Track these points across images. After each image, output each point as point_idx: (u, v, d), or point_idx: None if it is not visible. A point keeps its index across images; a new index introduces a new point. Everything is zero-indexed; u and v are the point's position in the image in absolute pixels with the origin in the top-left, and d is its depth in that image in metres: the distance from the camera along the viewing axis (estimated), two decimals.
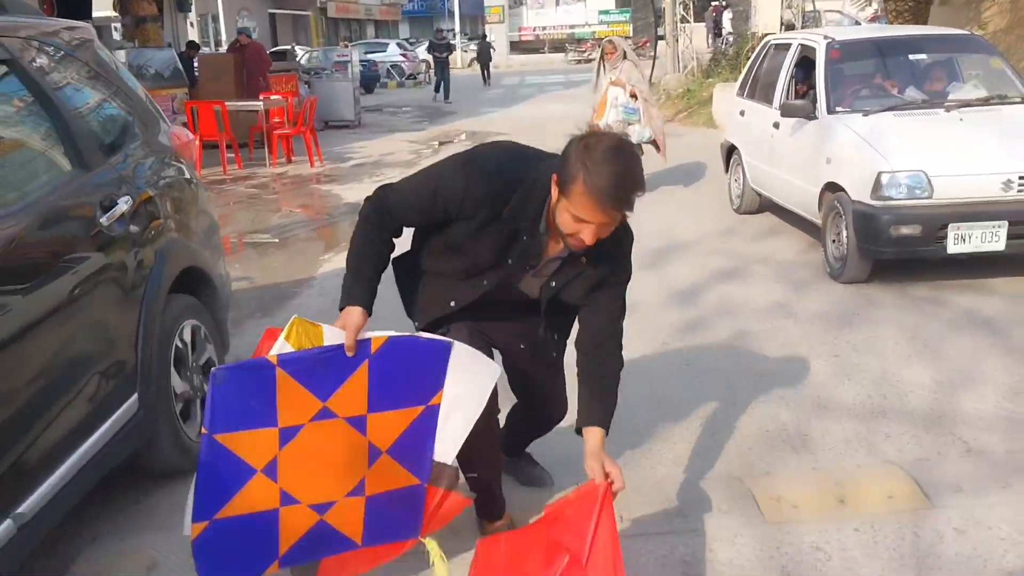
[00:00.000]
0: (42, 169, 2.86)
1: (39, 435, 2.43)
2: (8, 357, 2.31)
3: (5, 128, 2.84)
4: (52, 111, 2.95)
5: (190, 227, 3.60)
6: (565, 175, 2.09)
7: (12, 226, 2.47)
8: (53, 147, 2.93)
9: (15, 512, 2.30)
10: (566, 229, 2.15)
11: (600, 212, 2.07)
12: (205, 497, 2.03)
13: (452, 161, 2.39)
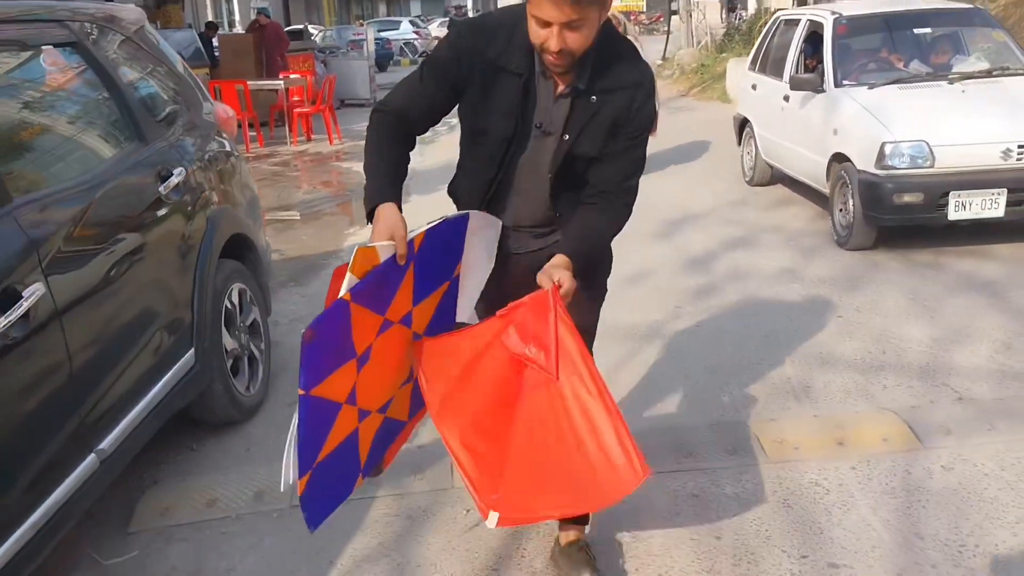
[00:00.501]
0: (107, 141, 3.13)
1: (116, 381, 2.72)
2: (89, 310, 2.60)
3: (73, 104, 3.11)
4: (112, 88, 3.22)
5: (235, 197, 3.87)
6: None
7: (88, 192, 2.75)
8: (115, 121, 3.20)
9: (98, 447, 2.59)
10: (535, 40, 1.97)
11: (550, 1, 1.87)
12: (305, 450, 1.97)
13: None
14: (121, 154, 3.11)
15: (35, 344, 2.32)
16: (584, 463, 1.99)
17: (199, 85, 4.12)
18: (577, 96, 2.10)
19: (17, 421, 2.26)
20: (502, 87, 2.09)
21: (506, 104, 2.09)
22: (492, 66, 2.08)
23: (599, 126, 2.13)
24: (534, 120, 2.13)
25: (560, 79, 2.08)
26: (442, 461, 3.21)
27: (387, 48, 27.88)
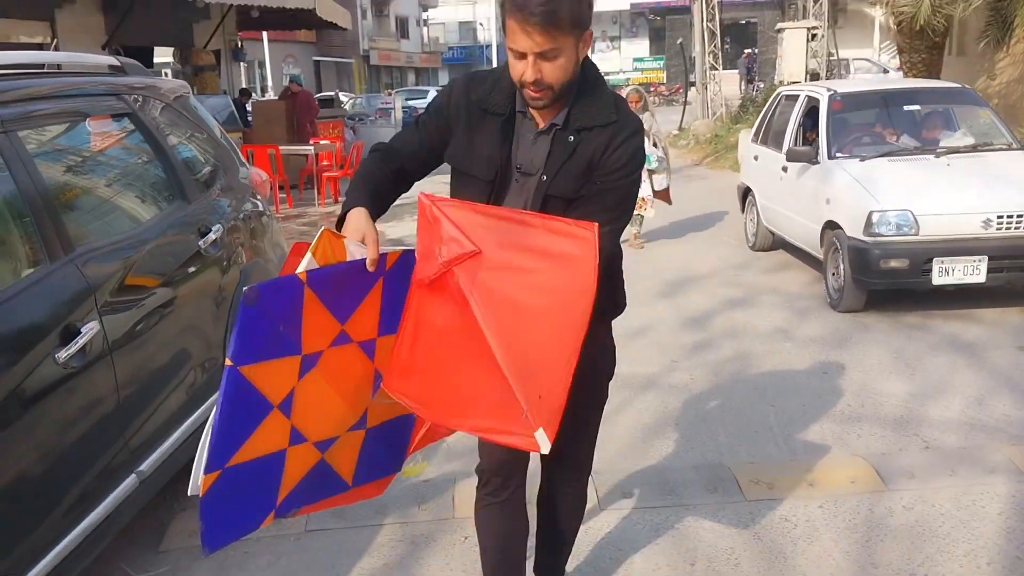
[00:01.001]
0: (155, 200, 3.53)
1: (155, 411, 3.07)
2: (136, 347, 2.96)
3: (126, 165, 3.52)
4: (159, 152, 3.64)
5: (266, 253, 4.26)
6: (501, 14, 1.97)
7: (137, 245, 3.14)
8: (161, 182, 3.61)
9: (138, 469, 2.93)
10: (514, 75, 1.97)
11: (520, 29, 1.87)
12: (221, 440, 1.75)
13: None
14: (166, 211, 3.51)
15: (89, 374, 2.67)
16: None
17: (235, 149, 4.54)
18: (556, 134, 2.07)
19: (72, 439, 2.60)
20: (484, 129, 2.10)
21: (488, 146, 2.10)
22: (476, 108, 2.10)
23: (576, 166, 2.06)
24: (515, 162, 2.11)
25: (541, 116, 2.07)
26: (444, 494, 3.52)
27: (414, 116, 28.69)
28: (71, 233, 2.82)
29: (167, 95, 4.00)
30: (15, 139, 2.73)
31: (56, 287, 2.64)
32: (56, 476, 2.52)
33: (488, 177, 2.11)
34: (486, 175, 2.11)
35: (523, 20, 1.85)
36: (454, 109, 2.13)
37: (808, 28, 16.85)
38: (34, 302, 2.54)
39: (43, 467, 2.46)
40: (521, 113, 2.09)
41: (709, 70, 19.84)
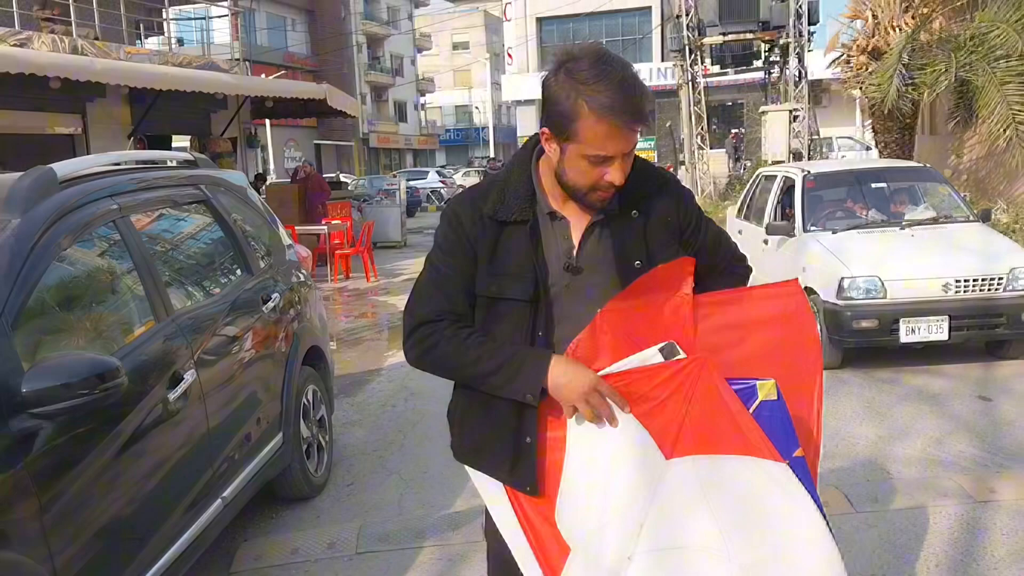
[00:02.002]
0: (228, 272, 4.17)
1: (236, 447, 3.65)
2: (220, 392, 3.56)
3: (207, 244, 4.17)
4: (229, 233, 4.29)
5: (311, 318, 4.88)
6: (559, 117, 1.75)
7: (218, 309, 3.77)
8: (232, 257, 4.26)
9: (223, 494, 3.49)
10: (587, 180, 1.79)
11: (621, 134, 1.72)
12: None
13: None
14: (236, 282, 4.15)
15: (188, 413, 3.26)
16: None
17: (283, 231, 5.21)
18: (614, 220, 1.90)
19: (176, 465, 3.18)
20: (507, 243, 1.87)
21: (517, 259, 1.87)
22: (492, 223, 1.88)
23: (663, 241, 1.93)
24: (558, 265, 1.89)
25: (583, 212, 1.89)
26: (474, 521, 4.07)
27: (415, 196, 29.65)
28: (170, 299, 3.45)
29: (234, 187, 4.68)
30: (129, 223, 3.39)
31: (166, 342, 3.26)
32: (166, 495, 3.09)
33: (527, 296, 1.86)
34: (524, 294, 1.86)
35: (632, 123, 1.72)
36: (470, 232, 1.89)
37: (790, 110, 17.83)
38: (152, 353, 3.15)
39: (157, 489, 3.02)
40: (550, 215, 1.90)
41: (697, 150, 20.82)
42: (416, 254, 16.23)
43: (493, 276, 1.88)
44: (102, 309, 3.15)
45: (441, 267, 1.92)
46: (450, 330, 1.88)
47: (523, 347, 1.85)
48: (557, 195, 1.90)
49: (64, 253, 2.96)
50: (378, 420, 5.81)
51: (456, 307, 1.90)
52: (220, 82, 12.58)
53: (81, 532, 2.53)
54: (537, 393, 1.79)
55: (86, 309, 3.08)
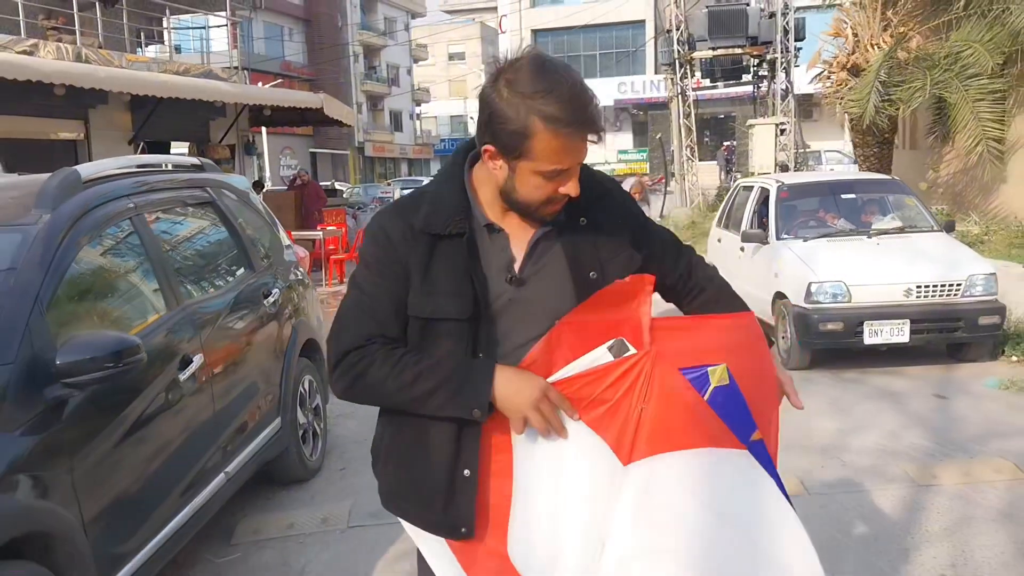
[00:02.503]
0: (232, 268, 4.50)
1: (238, 427, 3.97)
2: (224, 376, 3.88)
3: (212, 242, 4.50)
4: (233, 232, 4.62)
5: (308, 313, 5.21)
6: (509, 136, 1.62)
7: (223, 302, 4.10)
8: (236, 255, 4.59)
9: (226, 469, 3.82)
10: (542, 195, 1.67)
11: (577, 146, 1.63)
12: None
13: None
14: (239, 277, 4.48)
15: (197, 392, 3.59)
16: None
17: (282, 232, 5.54)
18: (563, 229, 1.78)
19: (185, 440, 3.50)
20: (441, 258, 1.72)
21: (453, 275, 1.71)
22: (423, 237, 1.72)
23: (616, 245, 1.81)
24: (499, 278, 1.75)
25: (526, 223, 1.76)
26: None
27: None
28: (180, 290, 3.78)
29: (238, 190, 5.02)
30: (144, 221, 3.72)
31: (177, 329, 3.59)
32: (177, 465, 3.42)
33: (466, 314, 1.71)
34: (462, 312, 1.71)
35: (585, 134, 1.62)
36: (400, 248, 1.73)
37: (776, 124, 18.25)
38: (166, 338, 3.48)
39: (169, 458, 3.35)
40: (488, 227, 1.76)
41: (687, 162, 21.23)
42: None
43: (427, 295, 1.71)
44: (120, 296, 3.48)
45: (368, 288, 1.75)
46: (381, 352, 1.71)
47: (464, 360, 1.69)
48: (496, 207, 1.76)
49: (87, 246, 3.29)
50: (369, 413, 6.08)
51: (387, 330, 1.73)
52: (220, 90, 12.92)
53: (105, 490, 2.85)
54: (485, 407, 1.64)
55: (106, 296, 3.41)
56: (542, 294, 1.76)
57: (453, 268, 1.71)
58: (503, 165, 1.66)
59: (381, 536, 4.07)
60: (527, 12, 43.41)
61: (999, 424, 5.37)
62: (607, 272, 1.76)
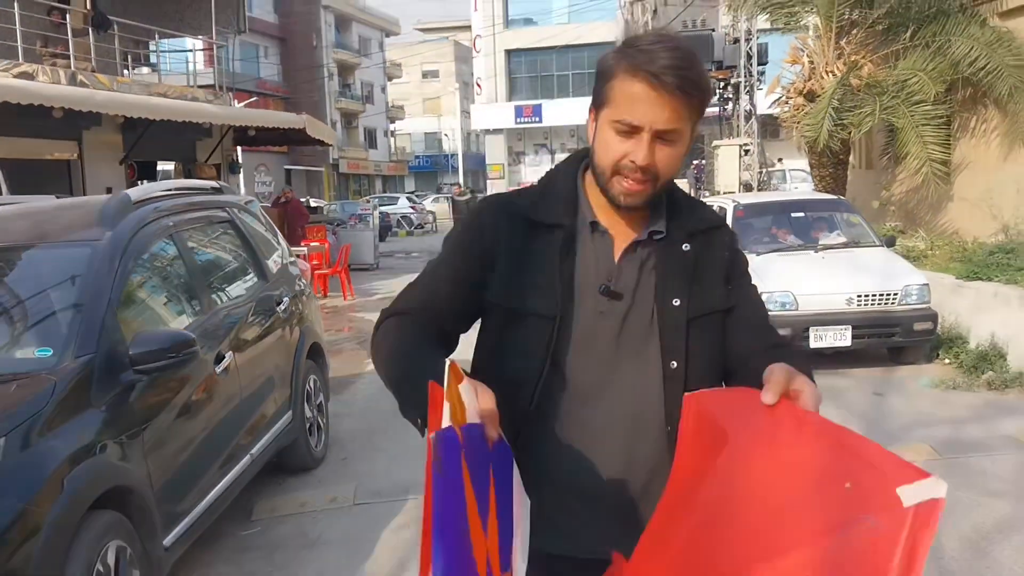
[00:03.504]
0: (250, 278, 5.11)
1: (259, 416, 4.57)
2: (249, 371, 4.48)
3: (232, 255, 5.10)
4: (248, 247, 5.23)
5: (312, 320, 5.82)
6: (598, 82, 1.53)
7: (245, 307, 4.71)
8: (252, 266, 5.19)
9: (251, 451, 4.41)
10: (611, 157, 1.50)
11: (655, 97, 1.44)
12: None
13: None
14: (256, 287, 5.09)
15: (228, 383, 4.19)
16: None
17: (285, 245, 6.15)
18: (662, 248, 1.61)
19: (221, 423, 4.10)
20: (537, 249, 1.59)
21: (546, 270, 1.57)
22: (522, 224, 1.60)
23: (710, 280, 1.63)
24: (594, 286, 1.57)
25: (627, 225, 1.60)
26: None
27: (386, 221, 30.58)
28: (212, 298, 4.39)
29: (248, 207, 5.63)
30: (181, 237, 4.33)
31: (211, 331, 4.19)
32: (216, 442, 4.02)
33: (550, 312, 1.54)
34: (547, 309, 1.54)
35: (672, 87, 1.43)
36: (490, 231, 1.61)
37: (740, 145, 19.07)
38: (203, 339, 4.07)
39: (210, 435, 3.95)
40: (592, 225, 1.60)
41: None
42: (389, 276, 17.16)
43: (516, 286, 1.57)
44: (167, 301, 4.09)
45: (436, 266, 1.66)
46: (403, 326, 1.55)
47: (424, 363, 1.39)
48: (605, 210, 1.59)
49: (141, 258, 3.89)
50: (364, 413, 6.74)
51: (434, 302, 1.59)
52: (209, 112, 13.50)
53: (166, 458, 3.46)
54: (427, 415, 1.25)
55: (157, 300, 4.02)
56: (632, 315, 1.57)
57: (546, 261, 1.57)
58: (594, 124, 1.56)
59: (385, 510, 4.68)
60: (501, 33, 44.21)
61: (926, 417, 6.09)
62: (692, 304, 1.57)
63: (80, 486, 2.83)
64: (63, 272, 3.53)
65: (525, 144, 48.77)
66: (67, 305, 3.37)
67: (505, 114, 45.84)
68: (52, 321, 3.35)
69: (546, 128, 47.06)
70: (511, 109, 45.80)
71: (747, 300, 1.71)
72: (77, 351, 3.19)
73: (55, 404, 2.94)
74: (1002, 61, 11.14)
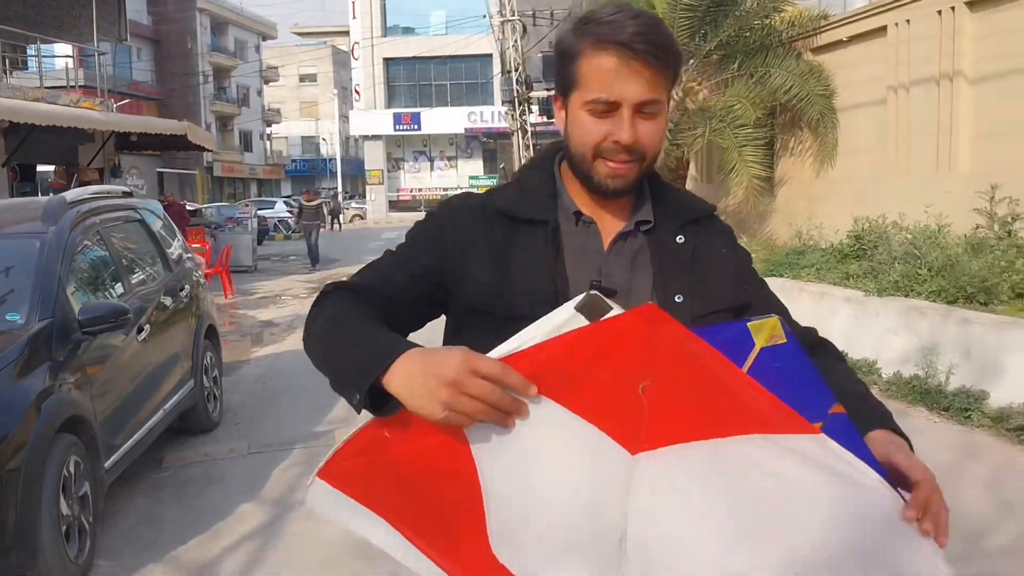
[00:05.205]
0: (157, 268, 6.08)
1: (169, 379, 5.57)
2: (161, 342, 5.48)
3: (143, 249, 6.06)
4: (155, 241, 6.20)
5: (207, 305, 6.81)
6: (561, 63, 1.40)
7: (155, 292, 5.70)
8: (158, 259, 6.16)
9: (165, 407, 5.41)
10: (590, 140, 1.36)
11: (629, 69, 1.31)
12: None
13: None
14: (164, 275, 6.07)
15: (146, 349, 5.19)
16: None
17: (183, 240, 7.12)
18: (653, 240, 1.46)
19: (143, 380, 5.09)
20: (519, 248, 1.43)
21: (532, 269, 1.41)
22: (502, 220, 1.44)
23: (714, 276, 1.47)
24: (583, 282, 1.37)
25: (612, 214, 1.46)
26: (328, 433, 6.12)
27: (263, 224, 31.01)
28: (132, 281, 5.38)
29: (154, 208, 6.60)
30: (107, 232, 5.31)
31: (135, 307, 5.19)
32: (139, 395, 5.03)
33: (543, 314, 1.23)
34: (538, 312, 1.23)
35: (644, 54, 1.31)
36: (463, 230, 1.46)
37: None
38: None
39: (137, 387, 4.97)
40: (576, 215, 1.46)
41: None
42: (268, 278, 17.95)
43: (502, 289, 1.41)
44: (100, 281, 5.08)
45: (397, 255, 1.50)
46: (350, 300, 1.38)
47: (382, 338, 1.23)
48: (585, 199, 1.47)
49: (78, 248, 4.87)
50: (252, 389, 7.75)
51: (386, 288, 1.42)
52: (94, 119, 14.04)
53: (106, 399, 4.46)
54: (364, 389, 1.15)
55: (93, 280, 5.00)
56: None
57: (533, 261, 1.42)
58: (563, 113, 1.44)
59: (276, 456, 5.75)
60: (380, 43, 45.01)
61: None
62: (695, 302, 1.43)
63: (52, 411, 3.83)
64: (20, 257, 4.48)
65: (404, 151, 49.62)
66: (27, 282, 4.33)
67: (384, 121, 46.62)
68: (17, 294, 4.30)
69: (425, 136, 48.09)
70: (390, 116, 46.63)
71: (766, 296, 1.55)
72: (39, 316, 4.18)
73: (28, 353, 3.94)
74: (812, 90, 13.01)
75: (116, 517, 4.71)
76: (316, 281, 17.22)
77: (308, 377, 6.42)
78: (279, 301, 14.24)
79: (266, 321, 12.11)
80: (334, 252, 24.13)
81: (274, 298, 14.73)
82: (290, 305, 13.66)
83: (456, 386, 1.09)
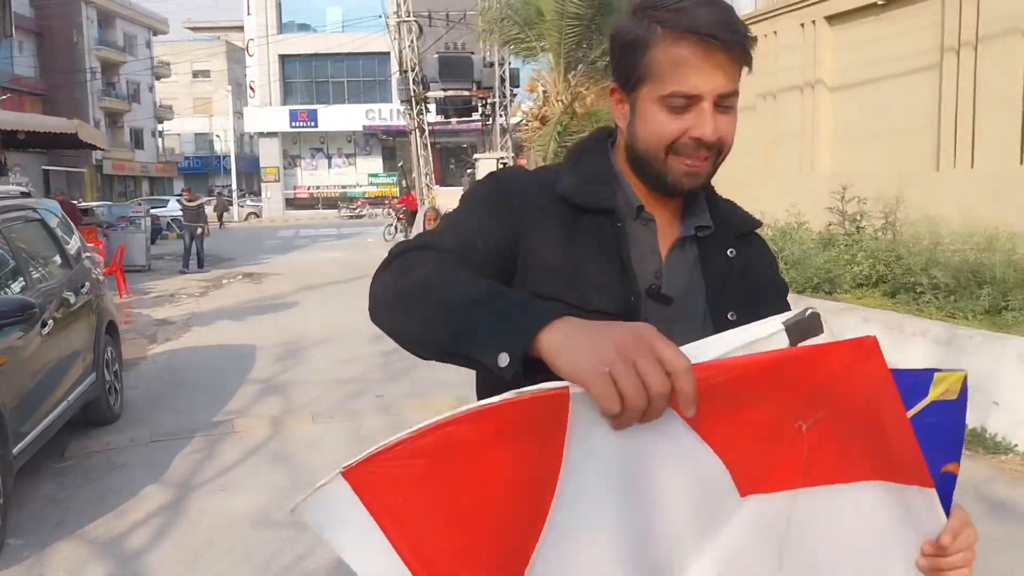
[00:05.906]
0: (58, 266, 6.29)
1: (72, 371, 5.81)
2: (63, 336, 5.72)
3: (44, 246, 6.26)
4: (55, 240, 6.41)
5: (106, 301, 7.03)
6: (626, 54, 1.27)
7: (57, 289, 5.93)
8: (59, 255, 6.37)
9: (68, 398, 5.65)
10: (664, 137, 1.25)
11: (709, 59, 1.20)
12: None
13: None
14: (64, 273, 6.29)
15: (49, 343, 5.43)
16: None
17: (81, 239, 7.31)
18: (703, 244, 1.37)
19: (48, 372, 5.33)
20: (585, 237, 1.29)
21: (599, 261, 1.29)
22: (560, 205, 1.31)
23: (759, 295, 1.37)
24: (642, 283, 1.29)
25: (669, 214, 1.36)
26: (225, 423, 6.46)
27: (156, 224, 30.45)
28: (34, 278, 5.61)
29: (52, 207, 6.79)
30: (8, 230, 5.53)
31: (38, 303, 5.43)
32: (44, 387, 5.27)
33: (619, 309, 1.24)
34: (614, 306, 1.24)
35: (725, 43, 1.20)
36: (533, 205, 1.31)
37: (497, 158, 21.33)
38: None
39: (42, 380, 5.21)
40: (638, 210, 1.33)
41: (426, 188, 23.91)
42: (162, 277, 17.84)
43: (572, 277, 1.27)
44: (5, 279, 5.29)
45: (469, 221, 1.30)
46: (442, 256, 1.19)
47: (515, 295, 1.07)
48: (643, 194, 1.34)
49: None
50: (151, 385, 7.97)
51: (470, 255, 1.22)
52: None
53: (13, 390, 4.72)
54: (523, 345, 0.94)
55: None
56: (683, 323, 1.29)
57: (601, 253, 1.29)
58: (626, 108, 1.31)
59: (176, 445, 6.05)
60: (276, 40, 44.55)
61: None
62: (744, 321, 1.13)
63: None
64: None
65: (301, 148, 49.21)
66: None
67: (280, 118, 46.18)
68: None
69: (322, 133, 47.81)
70: (286, 113, 46.22)
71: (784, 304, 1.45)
72: None
73: None
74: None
75: (23, 501, 4.96)
76: (211, 280, 17.25)
77: (205, 372, 6.75)
78: (174, 300, 14.28)
79: (161, 319, 12.20)
80: (228, 252, 24.05)
81: (168, 296, 14.75)
82: (185, 303, 13.76)
83: (631, 357, 0.88)
